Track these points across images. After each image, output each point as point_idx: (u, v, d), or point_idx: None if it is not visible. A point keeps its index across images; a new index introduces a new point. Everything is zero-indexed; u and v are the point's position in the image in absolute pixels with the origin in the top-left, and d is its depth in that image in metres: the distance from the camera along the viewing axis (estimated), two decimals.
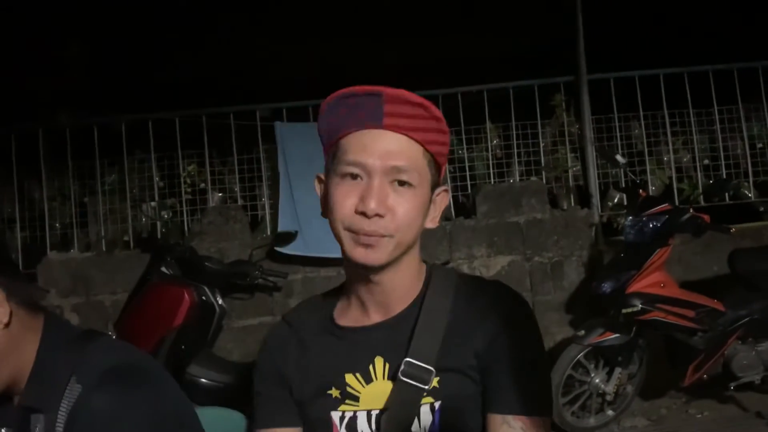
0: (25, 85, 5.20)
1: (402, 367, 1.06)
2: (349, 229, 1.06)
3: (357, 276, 1.13)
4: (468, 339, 1.09)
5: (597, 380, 3.48)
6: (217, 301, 3.28)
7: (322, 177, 1.17)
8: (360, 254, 1.06)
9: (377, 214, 1.04)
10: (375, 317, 1.15)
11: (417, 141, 1.08)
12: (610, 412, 3.60)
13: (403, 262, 1.12)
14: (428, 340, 1.08)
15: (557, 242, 4.27)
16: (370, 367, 1.11)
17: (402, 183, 1.07)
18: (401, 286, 1.14)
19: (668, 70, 4.67)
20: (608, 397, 3.51)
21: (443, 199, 1.18)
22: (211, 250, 4.04)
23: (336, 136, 1.10)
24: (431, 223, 1.15)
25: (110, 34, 5.35)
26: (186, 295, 3.10)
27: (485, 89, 4.64)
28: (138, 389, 1.09)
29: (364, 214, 1.04)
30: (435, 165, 1.12)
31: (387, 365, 1.10)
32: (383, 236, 1.05)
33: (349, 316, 1.17)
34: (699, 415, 3.73)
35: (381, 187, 1.05)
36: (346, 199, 1.06)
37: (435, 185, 1.14)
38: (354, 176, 1.06)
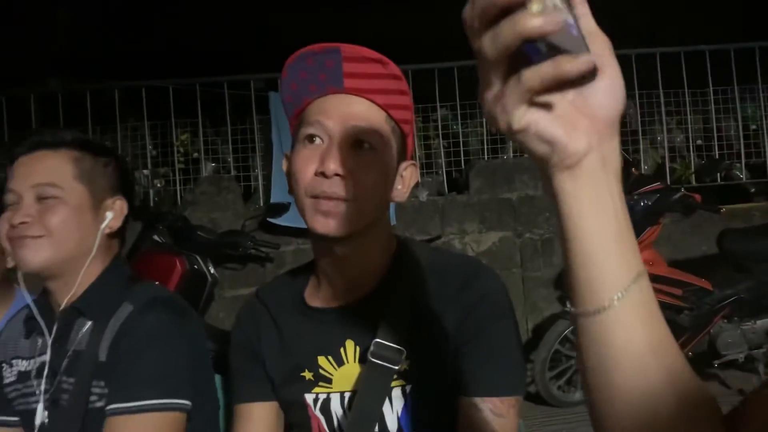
0: (16, 50, 5.14)
1: (371, 348, 1.04)
2: (311, 195, 1.01)
3: (322, 252, 1.10)
4: (438, 319, 1.06)
5: None
6: (208, 270, 3.28)
7: (290, 154, 1.12)
8: (319, 223, 1.00)
9: (337, 174, 0.99)
10: (344, 297, 1.12)
11: (380, 105, 1.05)
12: None
13: (369, 236, 1.07)
14: (398, 321, 1.05)
15: (548, 219, 4.28)
16: (341, 350, 1.09)
17: (363, 146, 1.03)
18: (368, 262, 1.10)
19: (664, 49, 4.66)
20: None
21: (412, 173, 1.13)
22: (204, 220, 4.03)
23: (300, 106, 1.08)
24: (399, 197, 1.11)
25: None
26: (178, 264, 3.10)
27: None
28: (179, 316, 1.26)
29: (323, 174, 0.99)
30: (400, 134, 1.09)
31: (357, 348, 1.08)
32: (344, 200, 1.00)
33: (319, 296, 1.15)
34: None
35: (341, 148, 1.01)
36: (308, 165, 1.01)
37: (401, 156, 1.10)
38: (312, 138, 1.03)
